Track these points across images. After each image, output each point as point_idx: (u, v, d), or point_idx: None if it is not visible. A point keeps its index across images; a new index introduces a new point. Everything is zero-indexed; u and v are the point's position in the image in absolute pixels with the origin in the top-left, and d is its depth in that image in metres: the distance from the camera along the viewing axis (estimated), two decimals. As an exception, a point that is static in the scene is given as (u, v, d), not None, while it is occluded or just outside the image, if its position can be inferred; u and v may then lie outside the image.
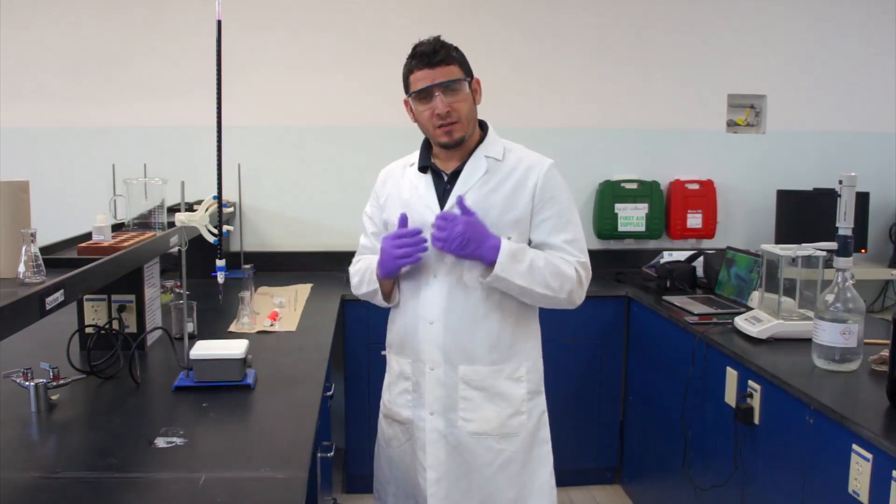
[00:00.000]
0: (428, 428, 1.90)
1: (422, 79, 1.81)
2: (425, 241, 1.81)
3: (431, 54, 1.79)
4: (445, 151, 1.88)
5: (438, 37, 1.85)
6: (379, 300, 1.95)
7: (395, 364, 1.99)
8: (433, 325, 1.87)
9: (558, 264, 1.83)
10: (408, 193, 1.93)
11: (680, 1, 3.84)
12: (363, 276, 1.96)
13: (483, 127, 1.95)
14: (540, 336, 2.01)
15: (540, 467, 1.96)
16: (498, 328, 1.88)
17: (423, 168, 1.92)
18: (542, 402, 1.98)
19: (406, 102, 1.88)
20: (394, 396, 1.98)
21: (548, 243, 1.87)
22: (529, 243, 1.89)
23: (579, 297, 1.87)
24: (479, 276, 1.83)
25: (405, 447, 1.97)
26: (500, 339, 1.89)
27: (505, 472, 1.90)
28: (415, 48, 1.84)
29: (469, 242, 1.76)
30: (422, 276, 1.89)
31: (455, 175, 1.88)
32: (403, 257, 1.81)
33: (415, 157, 1.97)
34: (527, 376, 1.93)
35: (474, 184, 1.86)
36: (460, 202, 1.80)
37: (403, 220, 1.85)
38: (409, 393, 1.94)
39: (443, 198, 1.88)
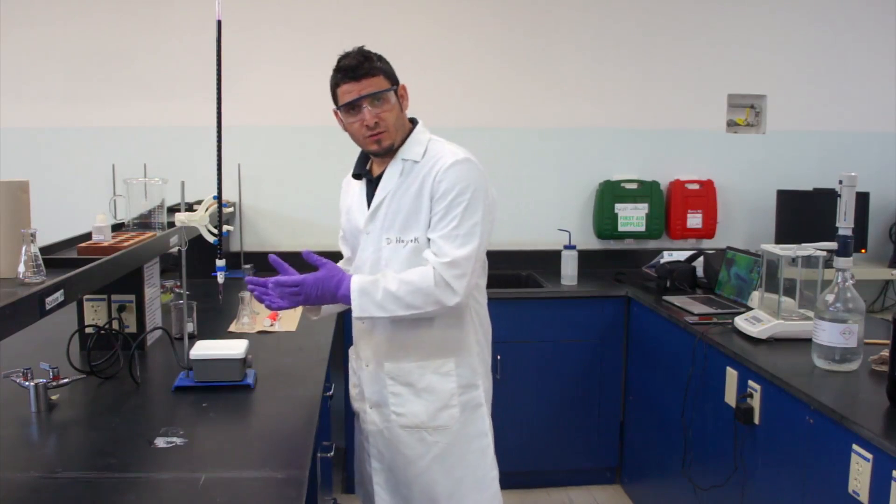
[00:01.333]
0: (368, 420, 2.00)
1: (348, 92, 1.84)
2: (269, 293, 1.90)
3: (356, 67, 1.83)
4: (378, 157, 1.94)
5: (362, 48, 1.89)
6: None
7: (350, 360, 2.11)
8: (365, 325, 1.97)
9: (413, 280, 1.81)
10: (349, 200, 2.05)
11: (680, 1, 3.84)
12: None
13: (415, 123, 1.97)
14: (480, 330, 2.00)
15: (479, 459, 1.97)
16: (421, 327, 1.90)
17: (356, 175, 2.01)
18: (477, 396, 1.96)
19: (336, 113, 1.93)
20: (349, 390, 2.11)
21: (432, 239, 1.85)
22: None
23: (451, 298, 1.80)
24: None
25: (359, 438, 2.10)
26: (424, 338, 1.91)
27: (440, 464, 1.93)
28: (339, 61, 1.88)
29: (323, 296, 1.85)
30: None
31: (379, 179, 1.93)
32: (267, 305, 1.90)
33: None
34: (456, 371, 1.93)
35: (391, 188, 1.90)
36: (306, 255, 1.91)
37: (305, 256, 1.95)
38: (356, 387, 2.06)
39: (370, 202, 1.96)
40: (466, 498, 1.95)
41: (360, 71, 1.82)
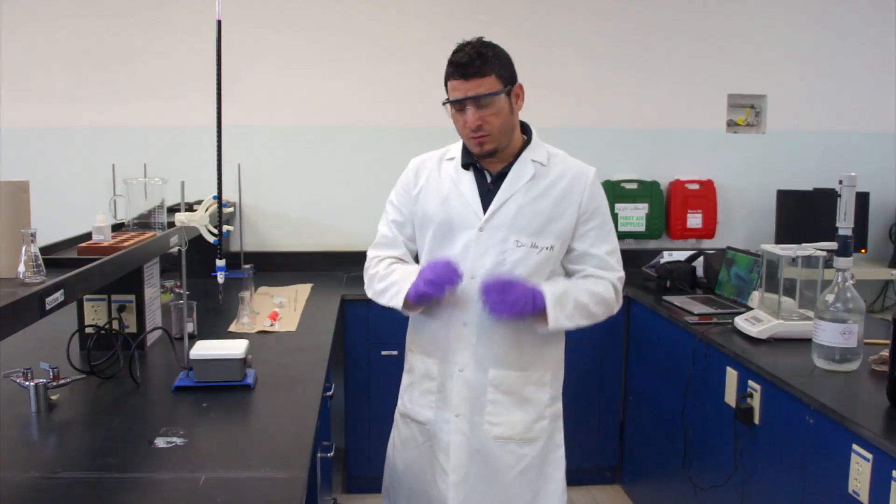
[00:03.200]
0: (452, 430, 1.89)
1: (455, 89, 1.76)
2: (457, 280, 1.78)
3: (467, 65, 1.73)
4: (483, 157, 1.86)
5: (481, 40, 1.77)
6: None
7: (420, 364, 1.96)
8: (466, 327, 1.86)
9: (599, 291, 1.85)
10: (447, 188, 1.89)
11: (680, 1, 3.84)
12: (388, 288, 1.89)
13: (527, 130, 1.92)
14: (564, 341, 2.01)
15: (555, 471, 1.96)
16: (530, 334, 1.87)
17: (465, 165, 1.90)
18: (560, 406, 1.99)
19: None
20: (415, 397, 1.96)
21: (591, 253, 1.87)
22: (569, 251, 1.89)
23: (616, 309, 1.91)
24: (536, 328, 1.83)
25: (423, 448, 1.95)
26: (531, 345, 1.89)
27: (524, 476, 1.90)
28: (454, 53, 1.77)
29: (526, 302, 1.76)
30: None
31: (500, 177, 1.87)
32: (430, 292, 1.78)
33: (453, 151, 1.95)
34: (551, 382, 1.94)
35: (520, 188, 1.84)
36: (485, 283, 1.78)
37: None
38: (432, 394, 1.92)
39: (485, 197, 1.86)
40: None
41: (469, 69, 1.73)
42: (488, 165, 1.88)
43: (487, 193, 1.86)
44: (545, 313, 1.78)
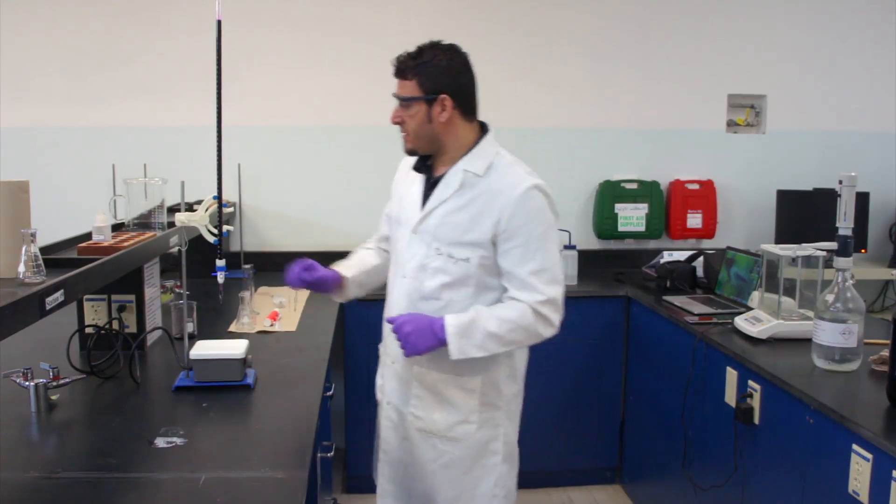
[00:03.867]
0: (384, 415, 2.00)
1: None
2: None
3: (398, 65, 1.82)
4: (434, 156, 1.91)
5: (430, 44, 1.83)
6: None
7: (381, 353, 2.07)
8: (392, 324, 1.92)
9: (512, 318, 1.79)
10: (404, 188, 1.99)
11: (680, 1, 3.84)
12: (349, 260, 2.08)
13: (485, 130, 1.92)
14: (515, 357, 1.96)
15: (485, 476, 1.94)
16: None
17: (417, 168, 1.95)
18: (500, 418, 1.94)
19: None
20: (377, 380, 2.09)
21: (512, 273, 1.81)
22: (499, 267, 1.84)
23: (550, 331, 1.83)
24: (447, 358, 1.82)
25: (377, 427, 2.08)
26: None
27: (447, 472, 1.93)
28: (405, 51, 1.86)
29: (420, 337, 1.78)
30: (396, 272, 1.94)
31: (436, 183, 1.90)
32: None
33: None
34: (481, 389, 1.90)
35: (449, 196, 1.85)
36: (390, 319, 1.85)
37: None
38: (380, 378, 2.05)
39: (425, 200, 1.90)
40: None
41: (396, 69, 1.83)
42: (435, 170, 1.92)
43: (426, 197, 1.91)
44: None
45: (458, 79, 1.82)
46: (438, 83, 1.80)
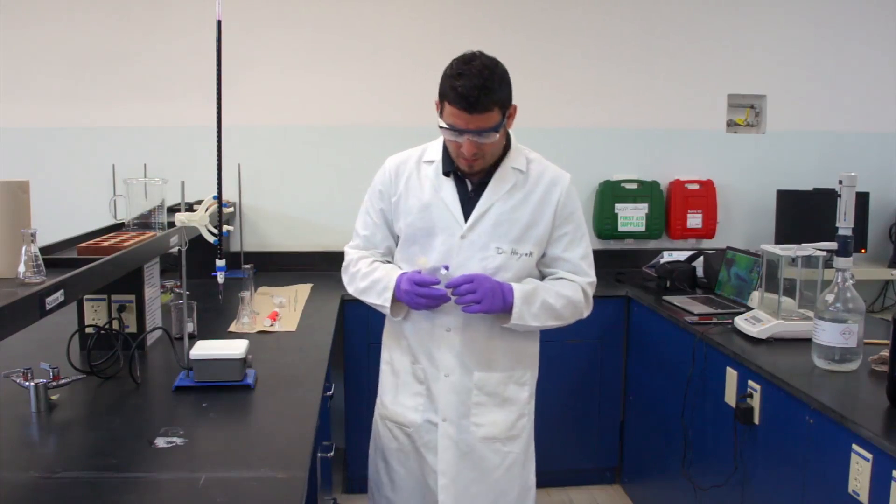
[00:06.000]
0: (440, 433, 1.92)
1: (456, 117, 1.72)
2: (447, 298, 1.81)
3: (472, 101, 1.68)
4: None
5: (483, 67, 1.70)
6: (380, 311, 1.93)
7: (406, 367, 1.96)
8: (450, 333, 1.89)
9: (568, 294, 1.88)
10: (428, 195, 1.89)
11: (680, 1, 3.84)
12: (373, 286, 1.90)
13: (506, 137, 1.92)
14: (539, 340, 2.05)
15: (531, 464, 2.04)
16: (512, 337, 1.91)
17: (446, 172, 1.89)
18: (534, 402, 2.04)
19: (437, 104, 1.80)
20: (402, 399, 1.97)
21: (563, 258, 1.91)
22: (543, 255, 1.92)
23: (587, 313, 1.95)
24: (499, 322, 1.86)
25: (408, 450, 1.97)
26: (506, 348, 1.92)
27: (510, 473, 1.95)
28: (458, 76, 1.70)
29: (495, 295, 1.78)
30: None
31: (481, 184, 1.88)
32: (421, 307, 1.83)
33: (431, 152, 1.94)
34: (530, 380, 1.99)
35: (500, 196, 1.86)
36: (452, 282, 1.80)
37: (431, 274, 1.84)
38: (420, 397, 1.94)
39: (466, 205, 1.87)
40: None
41: (476, 106, 1.69)
42: (472, 174, 1.89)
43: (468, 201, 1.88)
44: (512, 309, 1.82)
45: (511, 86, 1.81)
46: (510, 95, 1.79)
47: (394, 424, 1.99)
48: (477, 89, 1.68)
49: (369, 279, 1.91)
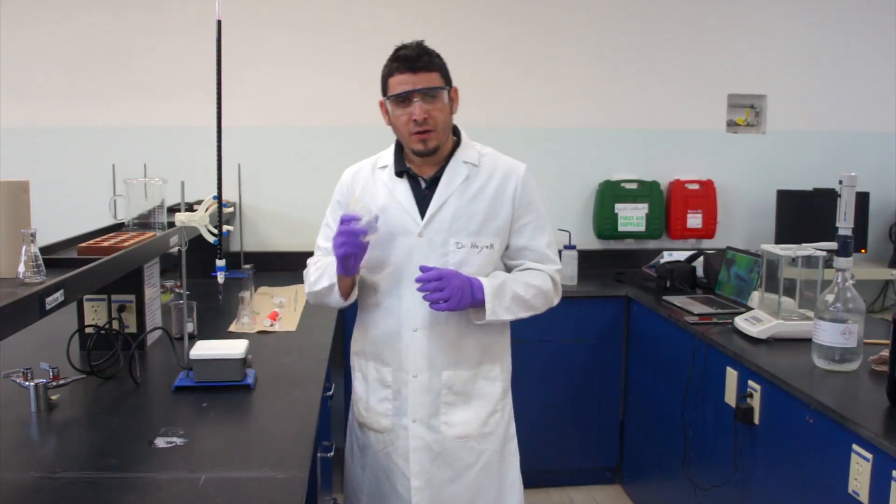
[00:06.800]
0: (411, 436, 1.89)
1: (402, 83, 1.78)
2: (361, 231, 1.72)
3: (415, 59, 1.77)
4: (420, 157, 1.86)
5: (422, 42, 1.83)
6: (335, 298, 1.86)
7: (374, 372, 1.94)
8: (417, 333, 1.86)
9: (537, 284, 1.88)
10: (384, 198, 1.89)
11: (680, 1, 3.84)
12: (323, 271, 1.89)
13: (456, 132, 1.93)
14: (509, 334, 2.03)
15: (512, 462, 2.00)
16: (480, 332, 1.89)
17: (399, 172, 1.90)
18: (510, 398, 2.02)
19: (381, 104, 1.87)
20: (371, 405, 1.95)
21: (529, 247, 1.90)
22: (508, 247, 1.91)
23: (557, 300, 1.94)
24: (473, 319, 1.85)
25: (380, 456, 1.95)
26: (474, 344, 1.90)
27: (486, 471, 1.93)
28: (397, 50, 1.82)
29: (464, 293, 1.77)
30: (403, 283, 1.86)
31: (434, 181, 1.88)
32: (342, 252, 1.74)
33: (385, 158, 1.95)
34: (501, 375, 1.96)
35: (454, 190, 1.86)
36: (423, 268, 1.77)
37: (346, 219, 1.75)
38: (389, 401, 1.92)
39: (421, 203, 1.87)
40: (508, 502, 1.98)
41: (418, 63, 1.77)
42: (421, 171, 1.89)
43: (423, 199, 1.87)
44: (483, 305, 1.81)
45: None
46: (449, 76, 1.86)
47: (368, 430, 1.97)
48: (417, 51, 1.79)
49: (320, 270, 1.91)
